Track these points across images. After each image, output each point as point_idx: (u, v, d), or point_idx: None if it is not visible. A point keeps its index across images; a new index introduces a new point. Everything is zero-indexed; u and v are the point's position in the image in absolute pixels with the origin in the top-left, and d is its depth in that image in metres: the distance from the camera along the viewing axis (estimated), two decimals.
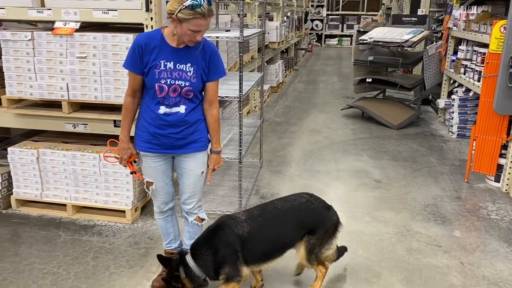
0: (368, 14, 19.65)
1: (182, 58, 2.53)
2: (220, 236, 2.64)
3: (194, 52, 2.54)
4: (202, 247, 2.65)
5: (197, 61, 2.55)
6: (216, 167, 2.81)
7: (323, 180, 4.77)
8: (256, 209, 2.83)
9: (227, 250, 2.60)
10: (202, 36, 2.48)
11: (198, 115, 2.67)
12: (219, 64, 2.65)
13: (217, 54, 2.64)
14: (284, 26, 9.66)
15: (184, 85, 2.53)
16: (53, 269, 3.08)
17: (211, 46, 2.62)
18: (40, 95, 3.60)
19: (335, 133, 6.55)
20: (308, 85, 10.54)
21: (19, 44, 3.53)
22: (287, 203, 2.83)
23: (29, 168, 3.78)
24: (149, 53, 2.50)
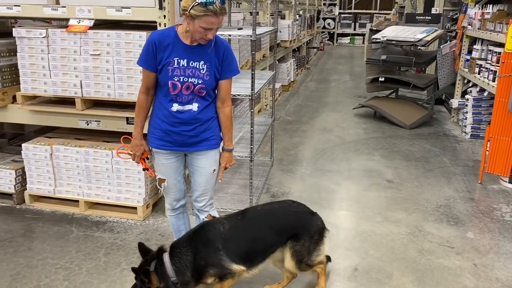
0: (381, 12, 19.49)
1: (195, 56, 2.52)
2: (201, 235, 2.55)
3: (207, 50, 2.54)
4: (181, 246, 2.53)
5: (210, 59, 2.55)
6: (228, 165, 2.80)
7: (335, 179, 4.75)
8: (236, 213, 2.76)
9: (207, 249, 2.50)
10: (214, 34, 2.46)
11: (210, 113, 2.67)
12: (232, 62, 2.63)
13: (230, 52, 2.63)
14: (296, 24, 9.63)
15: (197, 82, 2.53)
16: (65, 264, 3.11)
17: (224, 44, 2.61)
18: (54, 92, 3.64)
19: (347, 132, 6.51)
20: (319, 84, 10.49)
21: (34, 42, 3.56)
22: (267, 206, 2.85)
23: (42, 164, 3.82)
24: (162, 50, 2.51)
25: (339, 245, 3.46)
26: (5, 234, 3.48)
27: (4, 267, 3.06)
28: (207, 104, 2.64)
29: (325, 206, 4.11)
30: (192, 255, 2.49)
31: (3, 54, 3.79)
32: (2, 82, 3.79)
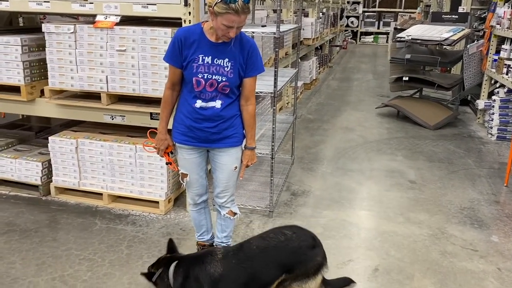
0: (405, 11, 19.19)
1: (220, 53, 2.54)
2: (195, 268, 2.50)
3: (232, 47, 2.54)
4: (180, 266, 2.52)
5: (235, 56, 2.55)
6: (249, 163, 2.80)
7: (356, 179, 4.71)
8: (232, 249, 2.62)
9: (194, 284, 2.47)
10: (236, 33, 2.45)
11: (234, 111, 2.68)
12: (257, 60, 2.62)
13: (255, 50, 2.61)
14: (319, 22, 9.57)
15: (221, 80, 2.54)
16: (89, 255, 3.18)
17: (250, 42, 2.61)
18: (80, 86, 3.71)
19: (369, 131, 6.45)
20: (342, 83, 10.41)
21: (62, 37, 3.64)
22: (263, 241, 2.57)
23: (68, 157, 3.91)
24: (188, 47, 2.54)
25: (360, 245, 3.43)
26: (32, 224, 3.57)
27: (30, 256, 3.14)
28: (231, 101, 2.64)
29: (346, 206, 4.08)
30: (182, 278, 2.48)
31: (32, 49, 3.88)
32: (31, 76, 3.88)
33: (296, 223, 3.70)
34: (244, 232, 3.56)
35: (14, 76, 3.83)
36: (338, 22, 14.75)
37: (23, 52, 3.79)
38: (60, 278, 2.92)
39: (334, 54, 14.64)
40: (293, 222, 3.73)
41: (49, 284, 2.85)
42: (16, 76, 3.82)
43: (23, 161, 4.05)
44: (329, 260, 3.14)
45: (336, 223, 3.76)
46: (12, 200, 3.97)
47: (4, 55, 3.79)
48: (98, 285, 2.86)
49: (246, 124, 2.73)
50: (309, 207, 4.02)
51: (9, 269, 2.99)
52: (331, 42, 13.22)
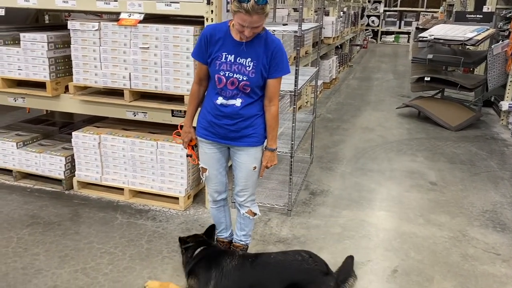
0: (428, 10, 18.93)
1: (243, 52, 2.54)
2: (211, 252, 2.79)
3: (256, 47, 2.54)
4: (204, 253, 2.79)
5: (258, 56, 2.54)
6: (269, 165, 2.78)
7: (376, 179, 4.68)
8: (250, 255, 2.81)
9: (203, 266, 2.70)
10: (252, 33, 2.43)
11: (254, 111, 2.66)
12: (281, 62, 2.58)
13: (280, 50, 2.57)
14: (340, 21, 9.51)
15: (242, 79, 2.55)
16: (110, 249, 3.23)
17: (275, 42, 2.57)
18: (104, 83, 3.77)
19: (389, 132, 6.39)
20: (362, 82, 10.33)
21: (86, 34, 3.70)
22: (281, 256, 2.72)
23: (91, 152, 3.98)
24: (213, 44, 2.56)
25: (379, 245, 3.41)
26: (55, 217, 3.65)
27: (53, 249, 3.21)
28: (252, 101, 2.63)
29: (365, 206, 4.06)
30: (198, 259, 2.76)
31: (58, 46, 3.96)
32: (56, 72, 3.96)
33: (315, 222, 3.71)
34: (263, 230, 3.57)
35: (40, 72, 3.91)
36: (359, 21, 14.62)
37: (49, 48, 3.87)
38: (82, 270, 2.98)
39: (354, 53, 14.52)
40: (312, 221, 3.73)
41: (71, 276, 2.91)
42: (42, 72, 3.90)
43: (47, 156, 4.14)
44: None
45: (355, 223, 3.74)
46: (36, 194, 4.06)
47: (31, 51, 3.88)
48: (119, 278, 2.91)
49: (267, 124, 2.70)
50: (327, 207, 4.01)
51: (33, 261, 3.06)
52: (351, 41, 13.12)
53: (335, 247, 3.36)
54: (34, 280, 2.86)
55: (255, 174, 2.81)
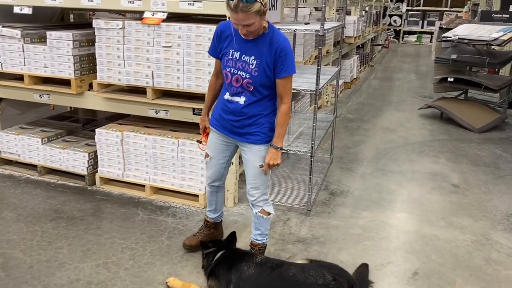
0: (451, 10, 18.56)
1: (248, 50, 2.56)
2: (232, 256, 2.75)
3: (260, 46, 2.54)
4: (223, 256, 2.77)
5: (262, 55, 2.54)
6: (271, 163, 2.69)
7: (397, 180, 4.62)
8: (271, 263, 2.69)
9: (224, 269, 2.68)
10: (246, 31, 2.44)
11: (258, 110, 2.66)
12: (286, 61, 2.54)
13: (285, 50, 2.53)
14: (361, 20, 9.42)
15: (245, 76, 2.58)
16: (131, 244, 3.28)
17: (279, 41, 2.53)
18: (127, 81, 3.82)
19: (411, 132, 6.31)
20: (383, 82, 10.22)
21: (111, 32, 3.76)
22: (300, 274, 2.52)
23: (113, 149, 4.04)
24: (223, 40, 2.65)
25: (399, 247, 3.37)
26: (78, 212, 3.73)
27: (76, 243, 3.28)
28: (255, 100, 2.64)
29: (386, 207, 4.01)
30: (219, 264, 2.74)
31: (83, 44, 4.03)
32: (81, 70, 4.04)
33: (334, 223, 3.69)
34: (281, 229, 3.57)
35: (65, 70, 3.99)
36: (381, 20, 14.45)
37: (74, 46, 3.94)
38: (103, 265, 3.03)
39: (376, 53, 14.36)
40: (331, 222, 3.72)
41: (93, 270, 2.96)
42: (67, 69, 3.98)
43: (71, 152, 4.22)
44: (367, 261, 3.13)
45: (375, 224, 3.70)
46: (60, 189, 4.15)
47: (56, 49, 3.96)
48: (139, 273, 2.95)
49: (277, 122, 2.70)
50: (347, 207, 3.99)
51: (57, 254, 3.13)
52: (373, 41, 12.98)
53: (355, 248, 3.34)
54: (57, 273, 2.92)
55: (263, 172, 2.79)
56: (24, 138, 4.39)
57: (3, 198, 3.92)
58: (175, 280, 2.81)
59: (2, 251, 3.13)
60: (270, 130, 2.73)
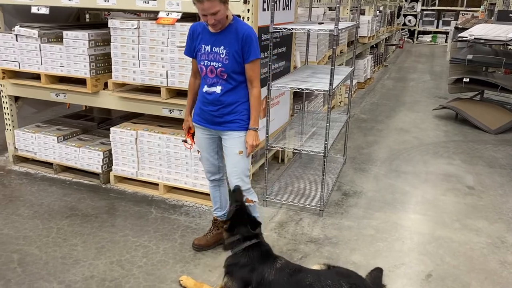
0: (467, 10, 18.36)
1: (217, 42, 2.79)
2: (255, 258, 2.62)
3: (228, 36, 2.77)
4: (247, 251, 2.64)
5: (230, 44, 2.76)
6: (254, 143, 2.88)
7: (410, 181, 4.59)
8: (291, 268, 2.62)
9: (244, 270, 2.58)
10: (213, 20, 2.64)
11: (236, 97, 2.85)
12: (251, 46, 2.76)
13: (249, 37, 2.75)
14: (375, 20, 9.36)
15: (218, 66, 2.79)
16: (144, 242, 3.31)
17: (243, 29, 2.76)
18: (142, 80, 3.86)
19: (425, 133, 6.25)
20: (397, 82, 10.13)
21: (126, 32, 3.80)
22: (317, 284, 2.46)
23: (127, 147, 4.08)
24: (195, 39, 2.88)
25: (413, 249, 3.35)
26: (92, 210, 3.77)
27: (90, 240, 3.32)
28: (231, 87, 2.83)
29: (399, 208, 3.99)
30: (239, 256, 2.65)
31: (98, 44, 4.08)
32: (96, 69, 4.08)
33: (347, 224, 3.67)
34: (294, 229, 3.57)
35: (81, 69, 4.04)
36: (395, 20, 14.34)
37: (90, 46, 3.99)
38: (117, 262, 3.06)
39: (390, 53, 14.26)
40: (344, 222, 3.70)
41: (107, 267, 3.00)
42: (83, 69, 4.03)
43: (86, 150, 4.27)
44: (380, 263, 3.12)
45: (389, 225, 3.68)
46: (75, 186, 4.20)
47: (73, 49, 4.01)
48: (153, 271, 2.98)
49: (250, 105, 2.88)
50: (360, 208, 3.97)
51: (72, 251, 3.17)
52: (387, 41, 12.88)
53: (368, 249, 3.32)
54: (72, 270, 2.96)
55: (242, 160, 2.92)
56: (40, 136, 4.46)
57: (19, 195, 3.98)
58: (188, 278, 2.83)
59: (19, 247, 3.19)
60: (249, 118, 2.91)
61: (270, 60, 3.71)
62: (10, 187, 4.14)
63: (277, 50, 4.20)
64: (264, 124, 3.91)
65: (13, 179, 4.32)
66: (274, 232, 3.51)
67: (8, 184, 4.20)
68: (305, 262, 3.13)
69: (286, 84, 3.81)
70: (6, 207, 3.76)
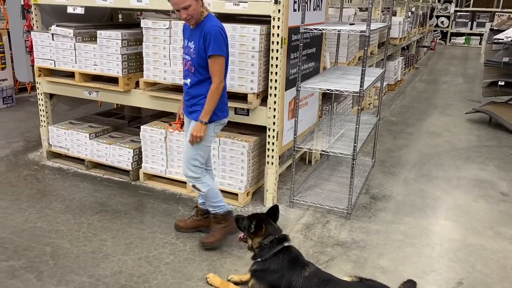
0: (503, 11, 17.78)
1: (191, 37, 3.01)
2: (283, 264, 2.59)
3: (197, 32, 2.94)
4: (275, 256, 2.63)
5: (197, 39, 2.94)
6: (194, 134, 2.98)
7: (441, 186, 4.48)
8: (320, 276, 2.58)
9: (272, 275, 2.56)
10: (186, 15, 2.83)
11: (201, 91, 3.02)
12: (211, 43, 2.88)
13: (210, 34, 2.87)
14: (407, 21, 9.19)
15: (188, 59, 3.02)
16: (172, 239, 3.35)
17: (207, 26, 2.90)
18: (172, 80, 3.91)
19: (457, 138, 6.09)
20: (428, 85, 9.92)
21: (158, 32, 3.85)
22: None
23: (157, 145, 4.14)
24: (184, 35, 3.14)
25: (443, 256, 3.27)
26: (122, 206, 3.84)
27: (120, 236, 3.38)
28: (197, 81, 3.01)
29: (429, 214, 3.90)
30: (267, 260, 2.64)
31: (130, 43, 4.15)
32: (128, 68, 4.16)
33: (375, 228, 3.62)
34: (320, 231, 3.54)
35: (113, 68, 4.12)
36: (427, 21, 14.04)
37: (122, 45, 4.07)
38: (145, 258, 3.11)
39: (421, 55, 13.98)
40: (372, 226, 3.65)
41: (135, 263, 3.05)
42: (115, 68, 4.11)
43: (117, 147, 4.36)
44: (409, 268, 3.06)
45: (418, 231, 3.60)
46: (105, 183, 4.29)
47: (106, 48, 4.10)
48: (180, 268, 3.01)
49: (206, 98, 2.98)
50: (389, 212, 3.90)
51: (101, 246, 3.24)
52: (418, 43, 12.64)
53: (396, 254, 3.26)
54: (101, 264, 3.02)
55: (193, 148, 3.06)
56: (73, 133, 4.57)
57: (52, 190, 4.10)
58: (214, 276, 2.85)
59: (51, 241, 3.28)
60: None
61: (299, 61, 3.69)
62: (43, 182, 4.26)
63: (307, 51, 4.18)
64: (293, 125, 3.90)
65: (46, 174, 4.45)
66: (300, 234, 3.49)
67: (42, 179, 4.32)
68: (332, 265, 3.10)
69: (315, 85, 3.78)
70: (40, 201, 3.88)
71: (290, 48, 3.77)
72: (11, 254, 3.10)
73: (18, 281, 2.83)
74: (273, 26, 3.51)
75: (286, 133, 3.98)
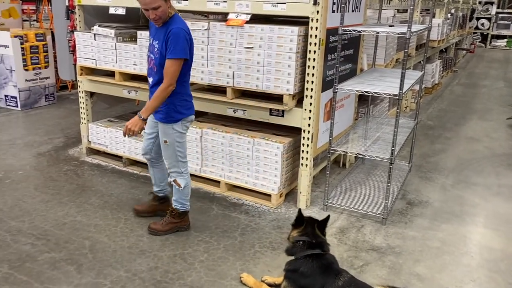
0: None
1: (156, 36, 3.05)
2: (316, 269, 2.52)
3: (162, 31, 2.96)
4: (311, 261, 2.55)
5: (161, 40, 2.96)
6: (128, 127, 3.02)
7: (480, 193, 4.34)
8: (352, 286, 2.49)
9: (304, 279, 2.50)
10: (154, 15, 2.86)
11: None
12: (171, 45, 2.89)
13: (173, 35, 2.88)
14: (446, 23, 8.96)
15: (152, 58, 3.07)
16: (205, 238, 3.39)
17: (171, 27, 2.91)
18: (209, 80, 3.95)
19: (498, 143, 5.89)
20: (467, 89, 9.64)
21: (196, 33, 3.90)
22: None
23: (192, 145, 4.19)
24: (150, 32, 3.19)
25: (482, 265, 3.16)
26: None
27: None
28: (159, 80, 3.01)
29: (468, 221, 3.78)
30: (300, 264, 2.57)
31: None
32: None
33: (411, 234, 3.55)
34: (355, 236, 3.50)
35: None
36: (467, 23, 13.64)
37: None
38: (180, 255, 3.16)
39: (460, 57, 13.59)
40: (408, 232, 3.58)
41: (171, 260, 3.10)
42: None
43: None
44: (446, 277, 2.99)
45: (456, 238, 3.51)
46: (142, 180, 4.39)
47: (145, 48, 4.17)
48: (214, 266, 3.04)
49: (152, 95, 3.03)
50: (426, 219, 3.81)
51: (138, 241, 3.31)
52: (457, 45, 12.29)
53: (433, 261, 3.18)
54: (138, 260, 3.09)
55: (169, 148, 3.16)
56: (112, 130, 4.70)
57: (91, 185, 4.22)
58: (248, 276, 2.86)
59: (90, 235, 3.38)
60: (174, 111, 3.09)
61: (337, 62, 3.67)
62: (83, 177, 4.40)
63: (345, 52, 4.15)
64: (328, 127, 3.87)
65: (85, 170, 4.59)
66: (334, 238, 3.46)
67: (81, 175, 4.46)
68: (366, 270, 3.06)
69: (352, 87, 3.74)
70: (79, 196, 4.00)
71: (327, 50, 3.75)
72: (53, 246, 3.22)
73: (59, 272, 2.93)
74: (311, 27, 3.50)
75: (321, 135, 3.95)
